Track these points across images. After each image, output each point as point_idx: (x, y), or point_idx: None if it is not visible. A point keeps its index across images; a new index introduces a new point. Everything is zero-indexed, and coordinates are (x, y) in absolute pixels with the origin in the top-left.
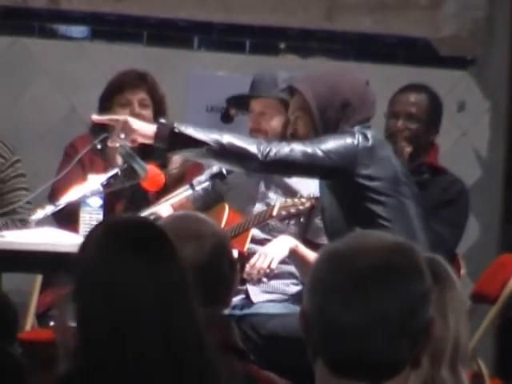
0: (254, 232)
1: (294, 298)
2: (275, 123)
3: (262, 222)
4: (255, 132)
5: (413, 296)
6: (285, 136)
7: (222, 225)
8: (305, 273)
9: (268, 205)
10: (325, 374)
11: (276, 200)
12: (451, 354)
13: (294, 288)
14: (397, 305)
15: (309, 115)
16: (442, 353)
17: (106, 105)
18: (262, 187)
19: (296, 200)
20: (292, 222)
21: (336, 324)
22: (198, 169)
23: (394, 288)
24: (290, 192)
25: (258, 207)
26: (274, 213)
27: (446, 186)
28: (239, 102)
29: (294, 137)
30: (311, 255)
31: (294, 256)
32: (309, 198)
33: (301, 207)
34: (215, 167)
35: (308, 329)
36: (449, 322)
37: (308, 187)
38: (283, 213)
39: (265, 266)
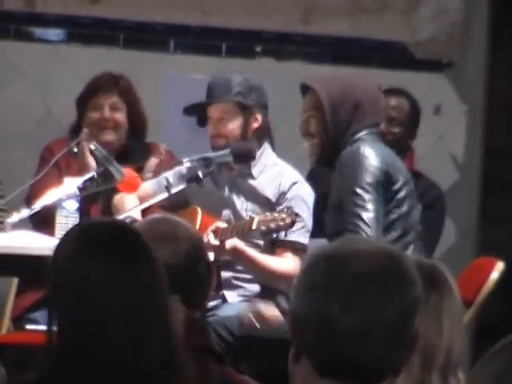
0: None
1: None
2: (233, 127)
3: (241, 234)
4: (216, 138)
5: (408, 302)
6: (245, 137)
7: (196, 228)
8: (250, 270)
9: (234, 210)
10: (309, 375)
11: (242, 205)
12: (443, 361)
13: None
14: (393, 310)
15: (321, 114)
16: (434, 359)
17: (81, 109)
18: (227, 192)
19: (276, 215)
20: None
21: (334, 327)
22: None
23: (392, 293)
24: (255, 194)
25: (226, 213)
26: (254, 226)
27: (422, 191)
28: (197, 110)
29: (305, 135)
30: (252, 253)
31: (234, 254)
32: (289, 214)
33: (281, 223)
34: (187, 168)
35: (298, 329)
36: (443, 329)
37: (273, 188)
38: (263, 227)
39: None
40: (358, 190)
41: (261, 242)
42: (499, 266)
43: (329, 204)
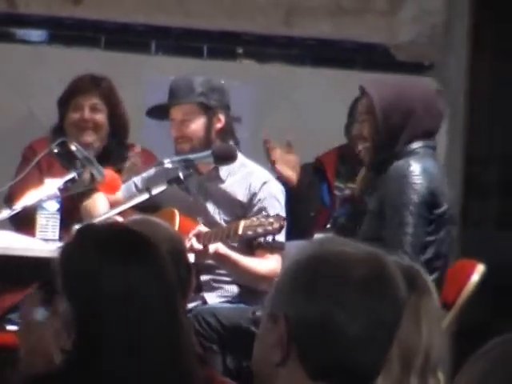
0: None
1: (242, 296)
2: (196, 127)
3: (226, 239)
4: (180, 139)
5: (400, 306)
6: (209, 137)
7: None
8: (231, 271)
9: (206, 215)
10: (299, 378)
11: (214, 210)
12: (422, 362)
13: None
14: (392, 314)
15: (373, 118)
16: (413, 360)
17: (62, 109)
18: (197, 197)
19: (263, 220)
20: None
21: (340, 333)
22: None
23: (390, 297)
24: (225, 198)
25: (199, 219)
26: (240, 231)
27: None
28: (159, 113)
29: (358, 139)
30: (234, 256)
31: (217, 258)
32: (277, 219)
33: (269, 228)
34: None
35: (294, 333)
36: (422, 330)
37: (244, 190)
38: (249, 232)
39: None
40: (402, 209)
41: (235, 244)
42: (480, 269)
43: (368, 210)
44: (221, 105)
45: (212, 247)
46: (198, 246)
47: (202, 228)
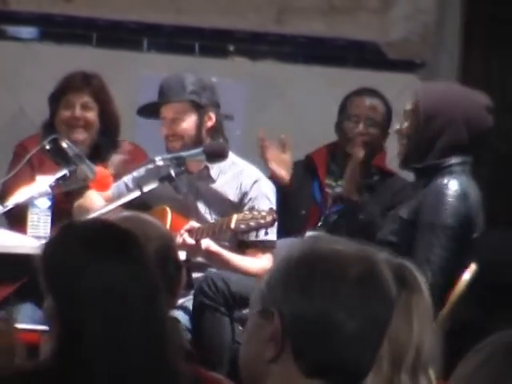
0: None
1: None
2: (187, 126)
3: (218, 233)
4: (171, 137)
5: (393, 303)
6: (200, 136)
7: (167, 228)
8: (222, 267)
9: (198, 215)
10: (293, 375)
11: (205, 210)
12: (413, 359)
13: None
14: (387, 312)
15: (416, 118)
16: (404, 357)
17: (53, 106)
18: (188, 196)
19: (255, 213)
20: None
21: (339, 331)
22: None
23: (385, 295)
24: (216, 198)
25: (192, 219)
26: (233, 225)
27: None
28: (150, 111)
29: (399, 134)
30: (224, 253)
31: (207, 254)
32: (270, 212)
33: (262, 221)
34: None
35: (289, 330)
36: (413, 328)
37: (235, 189)
38: (242, 226)
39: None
40: (436, 228)
41: (226, 243)
42: (471, 267)
43: (392, 212)
44: (211, 103)
45: (204, 243)
46: (191, 241)
47: (194, 223)
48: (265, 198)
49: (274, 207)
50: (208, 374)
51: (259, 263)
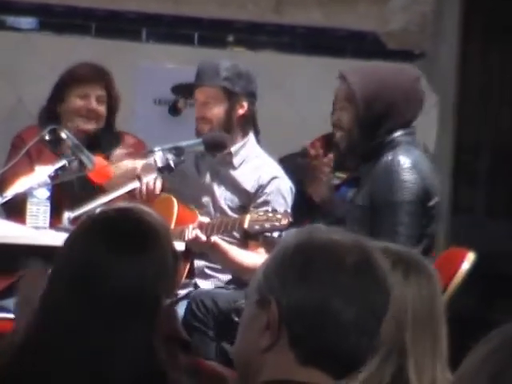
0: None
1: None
2: (217, 111)
3: (230, 231)
4: (201, 120)
5: (390, 293)
6: (229, 123)
7: (173, 220)
8: (225, 264)
9: (213, 197)
10: (288, 362)
11: (221, 193)
12: (430, 343)
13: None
14: (382, 301)
15: (354, 108)
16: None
17: (60, 94)
18: (207, 178)
19: (270, 214)
20: (235, 213)
21: (336, 319)
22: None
23: (381, 285)
24: (234, 185)
25: (205, 200)
26: (246, 225)
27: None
28: (185, 91)
29: (337, 126)
30: (230, 249)
31: (214, 249)
32: (285, 215)
33: (277, 223)
34: (159, 159)
35: (286, 319)
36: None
37: (253, 181)
38: (256, 227)
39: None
40: (395, 207)
41: (237, 235)
42: (470, 257)
43: (353, 202)
44: (245, 92)
45: (213, 240)
46: (203, 238)
47: (204, 219)
48: (280, 196)
49: (289, 207)
50: (207, 364)
51: (259, 259)
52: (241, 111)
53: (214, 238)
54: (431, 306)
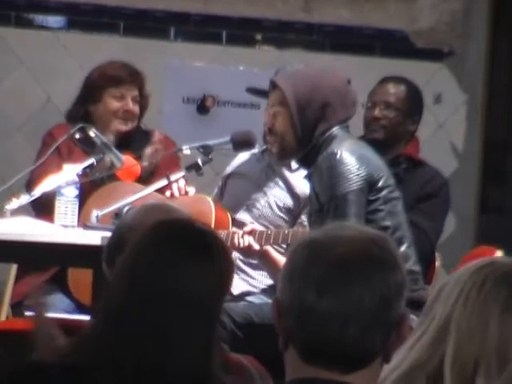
0: (242, 216)
1: (271, 291)
2: None
3: (282, 242)
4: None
5: (388, 286)
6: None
7: (212, 221)
8: (274, 275)
9: (264, 194)
10: (296, 363)
11: (271, 191)
12: None
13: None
14: (372, 294)
15: (288, 112)
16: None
17: (94, 95)
18: (262, 174)
19: None
20: (281, 213)
21: (312, 311)
22: (173, 161)
23: (371, 277)
24: (286, 186)
25: (257, 195)
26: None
27: (427, 179)
28: (260, 94)
29: (271, 132)
30: (282, 260)
31: (264, 258)
32: None
33: None
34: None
35: (281, 317)
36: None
37: (305, 188)
38: None
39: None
40: (340, 201)
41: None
42: (499, 256)
43: (310, 207)
44: None
45: (266, 249)
46: (256, 247)
47: (256, 226)
48: None
49: None
50: (234, 357)
51: None
52: None
53: (270, 252)
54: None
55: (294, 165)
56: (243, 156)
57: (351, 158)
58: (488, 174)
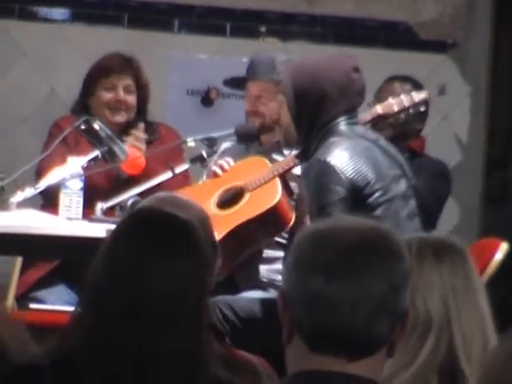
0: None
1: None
2: (272, 106)
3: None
4: (252, 115)
5: (394, 275)
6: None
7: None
8: None
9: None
10: (301, 354)
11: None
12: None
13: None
14: (380, 280)
15: (288, 103)
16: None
17: (90, 87)
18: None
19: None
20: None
21: (320, 298)
22: (177, 153)
23: (378, 264)
24: None
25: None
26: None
27: (426, 163)
28: (235, 83)
29: (277, 122)
30: None
31: None
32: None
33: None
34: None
35: (287, 307)
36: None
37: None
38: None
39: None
40: (321, 212)
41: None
42: (503, 247)
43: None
44: None
45: None
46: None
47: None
48: None
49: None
50: (239, 354)
51: None
52: None
53: None
54: (468, 278)
55: (286, 151)
56: (226, 145)
57: (336, 167)
58: (492, 165)
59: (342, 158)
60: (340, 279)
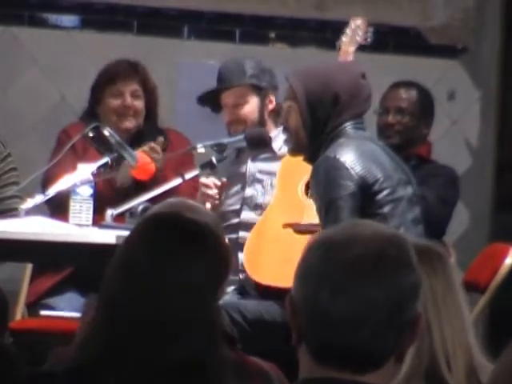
0: (247, 215)
1: None
2: (249, 109)
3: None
4: (234, 124)
5: (402, 288)
6: (263, 119)
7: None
8: None
9: (260, 182)
10: (308, 362)
11: (265, 180)
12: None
13: None
14: (386, 295)
15: (299, 109)
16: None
17: (97, 95)
18: (251, 169)
19: None
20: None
21: (325, 312)
22: (187, 160)
23: (385, 278)
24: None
25: (249, 190)
26: None
27: (434, 170)
28: (210, 99)
29: (285, 129)
30: None
31: None
32: None
33: None
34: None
35: (295, 315)
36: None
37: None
38: None
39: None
40: (329, 207)
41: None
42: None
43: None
44: (271, 86)
45: None
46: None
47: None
48: None
49: None
50: (251, 360)
51: None
52: (270, 106)
53: None
54: (448, 283)
55: (275, 146)
56: None
57: (345, 163)
58: (502, 170)
59: (351, 155)
60: (346, 294)
